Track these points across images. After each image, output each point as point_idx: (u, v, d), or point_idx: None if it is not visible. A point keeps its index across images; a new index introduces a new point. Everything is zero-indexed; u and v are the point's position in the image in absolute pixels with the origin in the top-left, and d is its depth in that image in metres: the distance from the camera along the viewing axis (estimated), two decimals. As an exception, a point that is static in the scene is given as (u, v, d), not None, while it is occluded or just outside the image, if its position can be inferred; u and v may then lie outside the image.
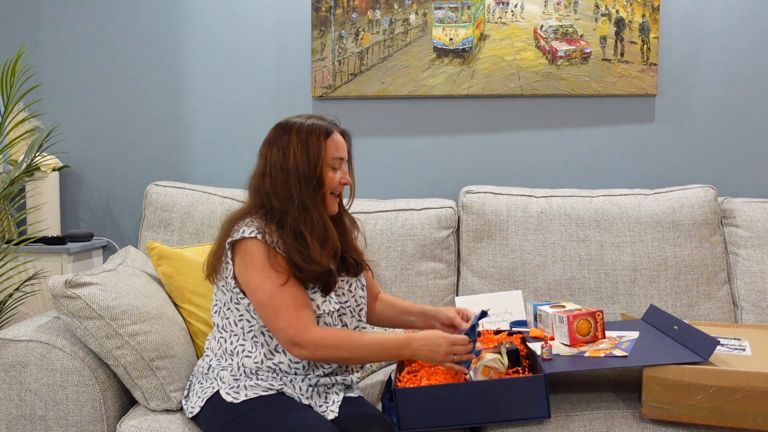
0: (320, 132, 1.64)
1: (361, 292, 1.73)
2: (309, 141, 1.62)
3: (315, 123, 1.65)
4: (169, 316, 1.83)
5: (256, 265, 1.57)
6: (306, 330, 1.55)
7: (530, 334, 1.90)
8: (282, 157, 1.62)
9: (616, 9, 2.48)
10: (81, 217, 2.66)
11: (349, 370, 1.70)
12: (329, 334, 1.57)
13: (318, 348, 1.55)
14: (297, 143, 1.62)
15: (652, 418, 1.61)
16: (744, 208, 2.32)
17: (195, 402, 1.64)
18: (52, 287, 1.62)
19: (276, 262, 1.57)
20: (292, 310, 1.55)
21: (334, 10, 2.52)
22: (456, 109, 2.58)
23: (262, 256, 1.57)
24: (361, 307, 1.73)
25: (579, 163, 2.57)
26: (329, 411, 1.61)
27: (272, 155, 1.63)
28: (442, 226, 2.31)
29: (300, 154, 1.61)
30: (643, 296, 2.23)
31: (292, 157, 1.61)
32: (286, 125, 1.66)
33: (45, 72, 2.63)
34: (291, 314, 1.55)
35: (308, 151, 1.62)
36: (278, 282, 1.56)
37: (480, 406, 1.58)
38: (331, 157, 1.65)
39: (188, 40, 2.61)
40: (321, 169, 1.62)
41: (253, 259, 1.57)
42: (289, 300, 1.56)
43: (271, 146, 1.64)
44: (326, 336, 1.56)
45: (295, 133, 1.63)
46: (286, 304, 1.55)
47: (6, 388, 1.66)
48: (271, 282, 1.56)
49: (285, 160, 1.61)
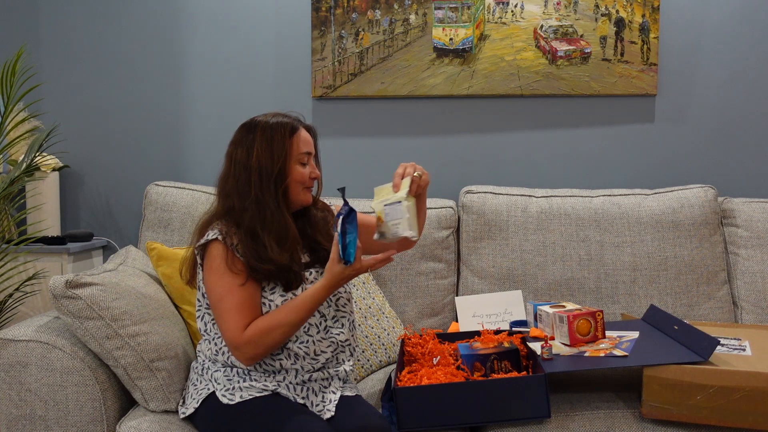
0: (285, 129, 1.64)
1: None
2: (273, 139, 1.63)
3: (280, 121, 1.66)
4: (169, 317, 1.83)
5: (212, 267, 1.59)
6: (241, 333, 1.55)
7: (530, 334, 1.90)
8: (246, 156, 1.62)
9: (616, 9, 2.48)
10: (81, 217, 2.66)
11: (339, 361, 1.68)
12: (258, 327, 1.55)
13: (252, 345, 1.55)
14: (261, 141, 1.62)
15: (652, 418, 1.61)
16: (744, 208, 2.32)
17: (190, 403, 1.65)
18: (52, 287, 1.62)
19: (232, 264, 1.58)
20: (234, 314, 1.56)
21: (334, 10, 2.52)
22: (456, 109, 2.58)
23: (219, 258, 1.58)
24: (338, 297, 1.70)
25: (579, 163, 2.57)
26: (326, 410, 1.61)
27: (237, 155, 1.63)
28: (442, 226, 2.31)
29: (264, 152, 1.61)
30: (643, 296, 2.23)
31: (256, 155, 1.61)
32: (251, 125, 1.66)
33: (45, 72, 2.63)
34: (232, 318, 1.56)
35: (272, 149, 1.62)
36: (232, 284, 1.57)
37: (480, 406, 1.58)
38: (298, 152, 1.65)
39: (188, 40, 2.61)
40: (284, 165, 1.62)
41: (212, 262, 1.59)
42: (235, 304, 1.56)
43: (237, 147, 1.65)
44: (255, 331, 1.55)
45: (260, 132, 1.63)
46: (230, 308, 1.56)
47: (6, 388, 1.65)
48: (221, 285, 1.57)
49: (248, 159, 1.61)
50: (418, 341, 1.89)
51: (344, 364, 1.69)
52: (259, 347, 1.55)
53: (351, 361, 1.71)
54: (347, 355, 1.70)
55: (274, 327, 1.55)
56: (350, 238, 1.50)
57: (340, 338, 1.67)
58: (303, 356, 1.62)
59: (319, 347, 1.63)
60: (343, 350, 1.69)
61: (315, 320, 1.65)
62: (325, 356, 1.65)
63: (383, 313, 2.15)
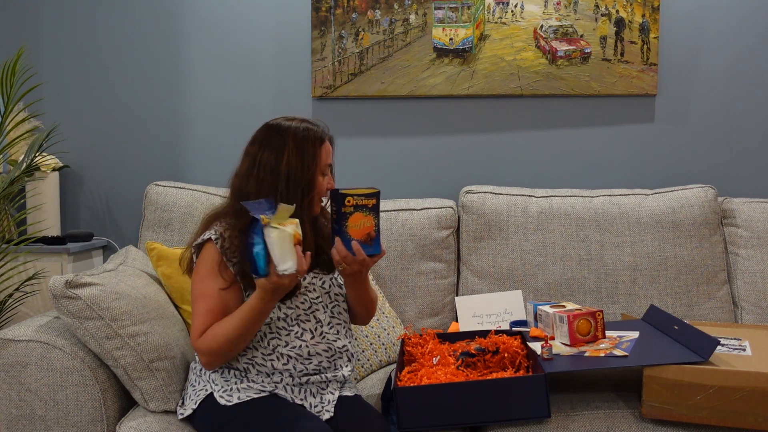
0: (315, 138, 1.64)
1: (337, 289, 1.72)
2: (305, 147, 1.62)
3: (310, 128, 1.65)
4: (169, 317, 1.83)
5: (199, 268, 1.60)
6: (198, 337, 1.56)
7: (530, 334, 1.90)
8: (274, 159, 1.60)
9: (616, 9, 2.48)
10: (81, 217, 2.66)
11: (338, 367, 1.68)
12: (210, 334, 1.55)
13: (208, 352, 1.55)
14: (293, 148, 1.61)
15: (652, 418, 1.61)
16: (744, 208, 2.32)
17: (188, 404, 1.64)
18: (52, 287, 1.62)
19: (221, 270, 1.57)
20: (201, 318, 1.56)
21: (334, 10, 2.52)
22: (456, 109, 2.58)
23: (207, 260, 1.59)
24: (335, 305, 1.70)
25: (579, 163, 2.57)
26: (324, 411, 1.61)
27: (262, 157, 1.62)
28: (442, 226, 2.31)
29: (295, 159, 1.60)
30: (643, 296, 2.23)
31: (286, 161, 1.60)
32: (280, 128, 1.65)
33: (45, 72, 2.63)
34: (198, 321, 1.56)
35: (304, 157, 1.61)
36: (211, 289, 1.57)
37: (480, 406, 1.58)
38: (323, 163, 1.65)
39: (188, 40, 2.61)
40: (313, 176, 1.62)
41: (200, 262, 1.60)
42: (206, 308, 1.56)
43: (262, 148, 1.63)
44: (207, 337, 1.55)
45: (291, 138, 1.62)
46: (200, 312, 1.57)
47: (6, 388, 1.65)
48: (201, 287, 1.58)
49: (277, 163, 1.60)
50: (418, 341, 1.89)
51: (342, 369, 1.68)
52: (213, 356, 1.56)
53: (349, 367, 1.70)
54: (345, 361, 1.69)
55: (222, 335, 1.54)
56: (256, 250, 1.42)
57: (338, 344, 1.66)
58: (295, 357, 1.61)
59: (314, 350, 1.63)
60: (341, 356, 1.68)
61: (310, 325, 1.64)
62: (319, 359, 1.64)
63: (383, 313, 2.15)
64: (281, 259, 1.42)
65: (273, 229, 1.42)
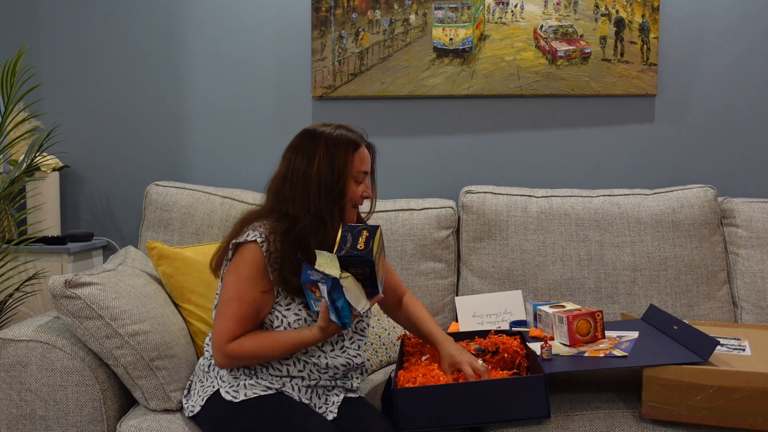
0: (348, 144, 1.62)
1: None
2: (336, 152, 1.61)
3: (343, 134, 1.64)
4: (169, 316, 1.83)
5: (238, 268, 1.58)
6: (225, 343, 1.56)
7: (530, 334, 1.90)
8: (306, 164, 1.60)
9: (616, 9, 2.48)
10: (81, 217, 2.66)
11: (348, 376, 1.69)
12: (241, 345, 1.57)
13: (230, 358, 1.57)
14: (324, 153, 1.60)
15: (652, 418, 1.61)
16: (744, 208, 2.32)
17: (195, 401, 1.64)
18: (52, 287, 1.62)
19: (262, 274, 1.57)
20: (231, 322, 1.56)
21: (334, 10, 2.52)
22: (456, 109, 2.58)
23: (249, 263, 1.57)
24: (359, 320, 1.69)
25: (579, 163, 2.57)
26: (329, 411, 1.62)
27: (296, 162, 1.61)
28: (442, 226, 2.31)
29: (325, 164, 1.59)
30: (643, 296, 2.23)
31: (317, 166, 1.59)
32: (314, 133, 1.64)
33: (45, 72, 2.63)
34: (227, 324, 1.56)
35: (334, 162, 1.60)
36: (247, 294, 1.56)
37: (480, 406, 1.58)
38: (356, 170, 1.63)
39: (188, 39, 2.61)
40: (344, 181, 1.61)
41: (239, 262, 1.58)
42: (238, 314, 1.56)
43: (297, 152, 1.62)
44: (239, 346, 1.56)
45: (323, 143, 1.61)
46: (231, 315, 1.56)
47: (6, 388, 1.66)
48: (237, 290, 1.57)
49: (308, 168, 1.59)
50: (418, 341, 1.89)
51: (353, 380, 1.70)
52: (235, 362, 1.58)
53: (360, 379, 1.72)
54: (358, 373, 1.71)
55: (256, 354, 1.57)
56: (340, 304, 1.49)
57: (357, 361, 1.67)
58: (312, 365, 1.63)
59: (332, 362, 1.63)
60: (356, 370, 1.70)
61: (332, 338, 1.65)
62: (335, 371, 1.65)
63: (383, 313, 2.15)
64: (357, 302, 1.51)
65: (344, 280, 1.49)
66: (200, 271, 1.93)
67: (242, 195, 2.39)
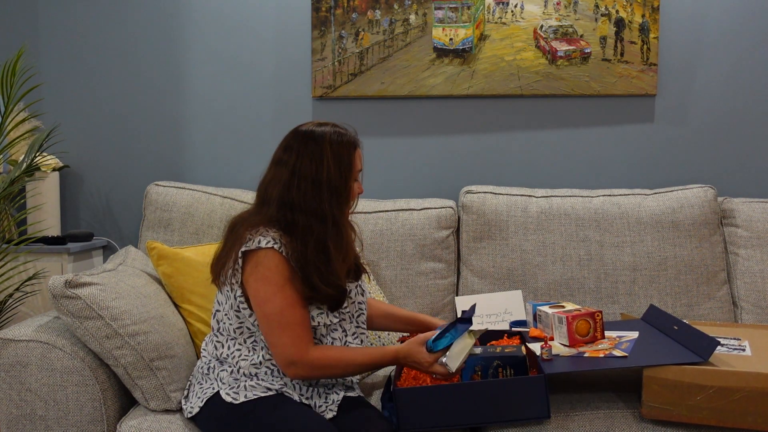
0: (350, 144, 1.62)
1: (360, 297, 1.73)
2: (341, 153, 1.59)
3: (343, 134, 1.62)
4: (169, 317, 1.83)
5: (269, 277, 1.53)
6: (306, 351, 1.54)
7: (530, 334, 1.90)
8: (314, 169, 1.57)
9: (616, 9, 2.48)
10: (81, 217, 2.66)
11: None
12: (325, 355, 1.56)
13: (314, 369, 1.55)
14: (330, 155, 1.58)
15: (652, 418, 1.61)
16: (744, 208, 2.32)
17: (194, 402, 1.64)
18: (52, 287, 1.62)
19: (294, 281, 1.54)
20: (299, 329, 1.54)
21: (334, 10, 2.52)
22: (456, 109, 2.58)
23: (279, 269, 1.53)
24: (360, 313, 1.72)
25: (579, 163, 2.57)
26: (328, 410, 1.62)
27: (302, 166, 1.57)
28: (442, 226, 2.31)
29: (333, 166, 1.57)
30: (643, 296, 2.23)
31: (326, 169, 1.57)
32: (314, 135, 1.60)
33: (45, 72, 2.63)
34: (297, 333, 1.54)
35: (341, 164, 1.59)
36: (295, 299, 1.54)
37: (480, 407, 1.58)
38: (357, 169, 1.63)
39: (188, 39, 2.61)
40: (350, 183, 1.61)
41: (267, 271, 1.53)
42: (298, 319, 1.54)
43: (300, 156, 1.58)
44: (322, 357, 1.55)
45: (328, 144, 1.59)
46: (295, 323, 1.54)
47: (6, 388, 1.66)
48: (283, 298, 1.53)
49: (318, 173, 1.56)
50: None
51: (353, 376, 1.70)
52: (317, 371, 1.56)
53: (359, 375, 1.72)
54: None
55: (340, 362, 1.56)
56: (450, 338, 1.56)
57: None
58: None
59: None
60: None
61: (338, 335, 1.65)
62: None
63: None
64: (452, 356, 1.56)
65: (469, 334, 1.57)
66: (200, 272, 1.93)
67: (242, 195, 2.39)
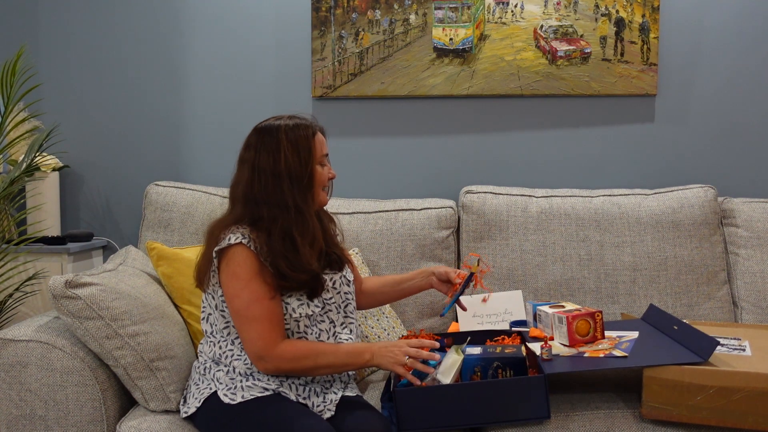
0: (306, 130, 1.64)
1: (346, 288, 1.73)
2: (298, 140, 1.62)
3: (299, 123, 1.65)
4: (169, 317, 1.83)
5: (238, 272, 1.56)
6: (274, 345, 1.55)
7: (530, 334, 1.90)
8: (272, 161, 1.60)
9: (616, 9, 2.48)
10: (81, 217, 2.66)
11: None
12: (295, 348, 1.56)
13: (282, 362, 1.56)
14: (287, 145, 1.61)
15: (652, 418, 1.61)
16: (744, 208, 2.32)
17: (191, 403, 1.64)
18: (52, 287, 1.62)
19: (263, 274, 1.56)
20: (266, 323, 1.55)
21: (334, 10, 2.52)
22: (456, 109, 2.58)
23: (247, 264, 1.56)
24: (347, 303, 1.72)
25: (579, 163, 2.57)
26: (326, 410, 1.61)
27: (261, 161, 1.61)
28: (442, 226, 2.31)
29: (291, 155, 1.60)
30: (643, 296, 2.23)
31: (283, 159, 1.60)
32: (270, 128, 1.64)
33: (45, 72, 2.63)
34: (263, 327, 1.55)
35: (299, 151, 1.61)
36: (262, 293, 1.56)
37: (480, 407, 1.58)
38: (319, 154, 1.65)
39: (188, 39, 2.61)
40: (312, 168, 1.62)
41: (236, 267, 1.56)
42: (265, 313, 1.55)
43: (258, 152, 1.62)
44: (291, 350, 1.56)
45: (284, 135, 1.62)
46: (260, 318, 1.55)
47: (6, 388, 1.66)
48: (249, 292, 1.55)
49: (276, 164, 1.59)
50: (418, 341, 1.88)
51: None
52: (286, 364, 1.56)
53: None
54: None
55: (310, 354, 1.56)
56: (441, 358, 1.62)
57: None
58: None
59: None
60: None
61: (325, 326, 1.66)
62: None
63: (383, 313, 2.15)
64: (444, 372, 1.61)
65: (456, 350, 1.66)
66: (200, 272, 1.93)
67: (242, 195, 2.38)
